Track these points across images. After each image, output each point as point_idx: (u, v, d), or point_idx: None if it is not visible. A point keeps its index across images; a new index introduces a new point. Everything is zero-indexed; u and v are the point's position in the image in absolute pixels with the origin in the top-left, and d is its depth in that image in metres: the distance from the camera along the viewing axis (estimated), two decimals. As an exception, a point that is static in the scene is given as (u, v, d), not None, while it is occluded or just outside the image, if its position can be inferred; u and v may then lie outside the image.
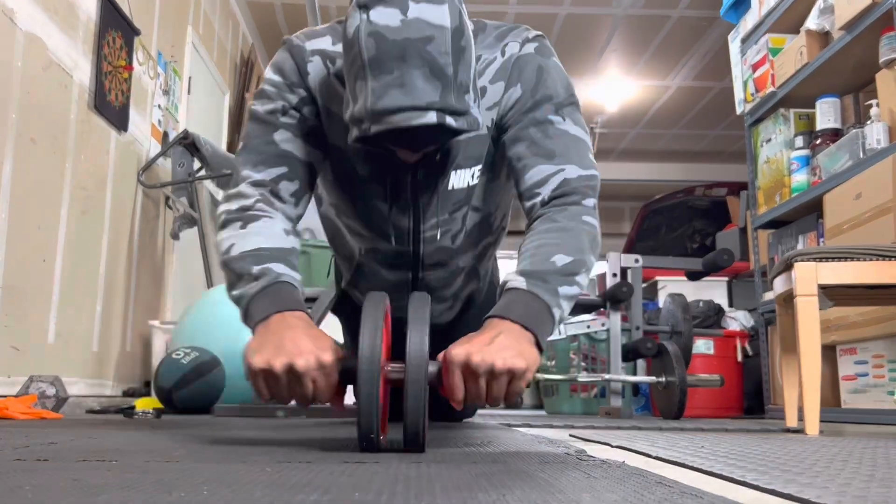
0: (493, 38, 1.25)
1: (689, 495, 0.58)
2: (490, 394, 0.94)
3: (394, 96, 1.00)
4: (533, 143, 1.19)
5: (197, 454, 0.88)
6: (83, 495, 0.54)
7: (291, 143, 1.20)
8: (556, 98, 1.22)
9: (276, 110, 1.20)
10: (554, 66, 1.25)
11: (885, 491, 0.63)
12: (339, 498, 0.55)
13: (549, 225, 1.14)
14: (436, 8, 1.01)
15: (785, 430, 1.82)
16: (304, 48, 1.22)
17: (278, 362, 0.94)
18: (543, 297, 1.03)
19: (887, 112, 2.47)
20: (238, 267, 1.09)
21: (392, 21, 1.00)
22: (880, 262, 1.70)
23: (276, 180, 1.19)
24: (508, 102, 1.22)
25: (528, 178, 1.19)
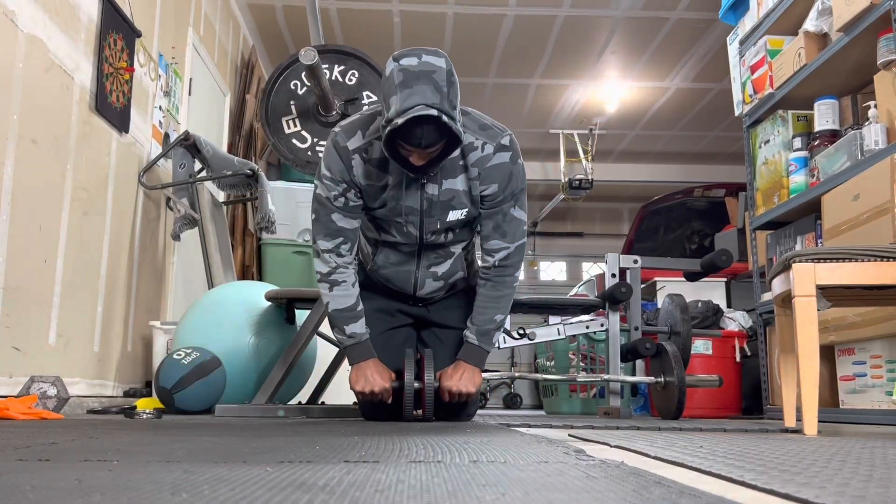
0: (478, 126, 1.93)
1: (687, 495, 0.59)
2: (460, 399, 2.03)
3: (413, 98, 1.69)
4: (496, 226, 2.00)
5: (197, 454, 0.88)
6: (84, 495, 0.54)
7: (343, 220, 1.97)
8: (515, 192, 1.97)
9: (331, 197, 1.94)
10: (518, 170, 1.95)
11: (882, 491, 0.64)
12: (339, 498, 0.55)
13: (494, 292, 2.04)
14: (438, 59, 1.75)
15: (783, 430, 1.82)
16: (347, 149, 1.89)
17: (367, 389, 2.00)
18: (486, 347, 2.06)
19: (885, 113, 2.48)
20: (335, 321, 2.03)
21: (412, 63, 1.73)
22: (878, 262, 1.71)
23: (337, 246, 1.99)
24: (487, 191, 1.95)
25: (488, 245, 2.02)
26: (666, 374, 2.86)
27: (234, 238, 4.39)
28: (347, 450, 0.97)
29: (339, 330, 2.01)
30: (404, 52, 1.75)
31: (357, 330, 2.01)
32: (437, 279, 2.12)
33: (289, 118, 3.33)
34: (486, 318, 2.02)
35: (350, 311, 1.99)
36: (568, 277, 9.44)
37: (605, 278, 3.11)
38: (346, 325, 1.99)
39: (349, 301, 2.00)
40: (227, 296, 2.74)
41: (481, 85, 6.05)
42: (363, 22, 5.06)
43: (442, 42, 5.30)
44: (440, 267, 2.10)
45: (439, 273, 2.11)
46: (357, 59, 3.33)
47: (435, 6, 4.84)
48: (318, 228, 1.98)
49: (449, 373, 2.00)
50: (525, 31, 5.18)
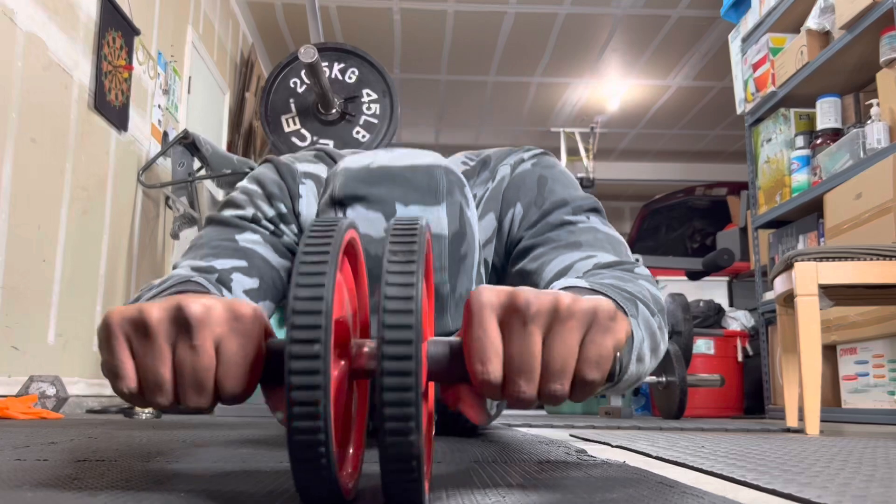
0: (489, 171, 1.07)
1: (689, 495, 0.58)
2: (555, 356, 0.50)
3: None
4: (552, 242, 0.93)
5: (197, 454, 0.88)
6: (83, 495, 0.54)
7: (260, 245, 0.95)
8: (571, 203, 0.97)
9: (245, 217, 0.97)
10: (560, 174, 1.03)
11: (885, 491, 0.63)
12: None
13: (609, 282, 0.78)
14: (429, 211, 0.83)
15: (785, 430, 1.82)
16: (294, 167, 1.03)
17: (157, 308, 0.53)
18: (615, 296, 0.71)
19: (888, 111, 2.47)
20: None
21: (374, 230, 0.83)
22: (880, 261, 1.70)
23: (228, 271, 0.90)
24: (505, 230, 1.00)
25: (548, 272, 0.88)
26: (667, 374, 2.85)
27: (235, 237, 4.38)
28: (347, 450, 0.96)
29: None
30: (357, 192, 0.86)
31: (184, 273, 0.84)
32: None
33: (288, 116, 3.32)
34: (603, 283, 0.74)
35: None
36: (569, 276, 9.42)
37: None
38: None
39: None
40: (228, 295, 2.74)
41: (482, 83, 6.04)
42: (363, 20, 5.05)
43: (442, 40, 5.30)
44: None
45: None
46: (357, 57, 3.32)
47: (435, 4, 4.83)
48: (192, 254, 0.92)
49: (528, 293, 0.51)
50: (526, 29, 5.17)
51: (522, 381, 0.50)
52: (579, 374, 0.51)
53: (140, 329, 0.52)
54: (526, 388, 0.50)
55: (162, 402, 0.52)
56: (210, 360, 0.51)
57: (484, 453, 0.96)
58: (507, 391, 0.50)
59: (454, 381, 0.52)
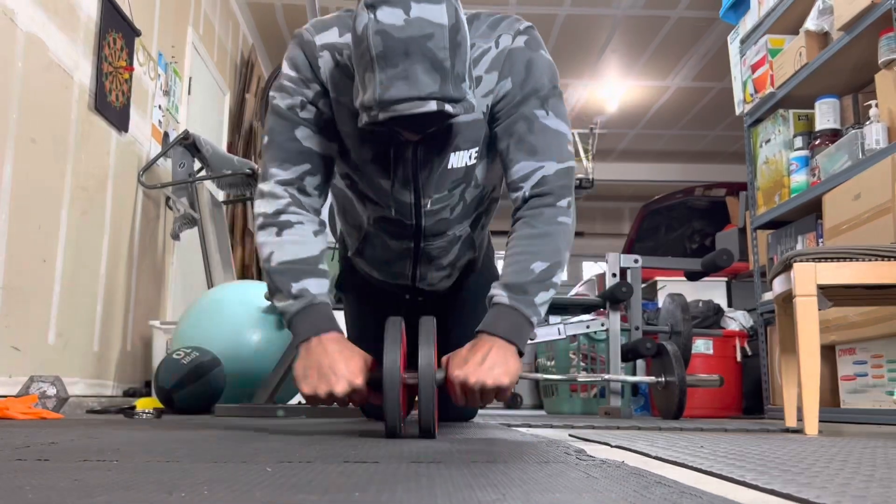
0: (487, 27, 1.36)
1: (688, 495, 0.58)
2: (483, 401, 1.22)
3: (399, 88, 1.13)
4: (519, 140, 1.34)
5: (197, 454, 0.88)
6: (84, 495, 0.54)
7: (311, 139, 1.33)
8: (541, 91, 1.34)
9: (295, 105, 1.33)
10: (541, 59, 1.36)
11: (884, 491, 0.63)
12: (339, 498, 0.55)
13: (528, 230, 1.31)
14: (435, 7, 1.13)
15: (784, 430, 1.82)
16: (314, 43, 1.32)
17: (322, 391, 1.21)
18: (524, 310, 1.24)
19: (886, 112, 2.47)
20: (278, 281, 1.27)
21: (396, 20, 1.12)
22: (879, 262, 1.70)
23: (301, 177, 1.33)
24: (500, 93, 1.35)
25: (514, 171, 1.34)
26: (667, 374, 2.86)
27: (234, 238, 4.38)
28: (347, 450, 0.97)
29: (281, 293, 1.27)
30: None
31: (311, 288, 1.25)
32: (442, 269, 1.61)
33: (289, 117, 3.32)
34: (518, 269, 1.26)
35: (304, 265, 1.28)
36: (568, 277, 9.44)
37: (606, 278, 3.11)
38: (294, 281, 1.26)
39: (306, 252, 1.29)
40: (227, 296, 2.74)
41: (481, 84, 6.04)
42: (363, 21, 5.05)
43: (442, 41, 5.29)
44: (445, 258, 1.58)
45: (444, 263, 1.59)
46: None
47: (435, 5, 4.83)
48: (272, 153, 1.33)
49: (463, 355, 1.20)
50: (525, 31, 5.17)
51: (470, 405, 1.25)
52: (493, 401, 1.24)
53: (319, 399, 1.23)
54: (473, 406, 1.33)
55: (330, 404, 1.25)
56: (346, 404, 1.27)
57: (483, 453, 0.96)
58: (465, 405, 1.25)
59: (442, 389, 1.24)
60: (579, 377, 3.23)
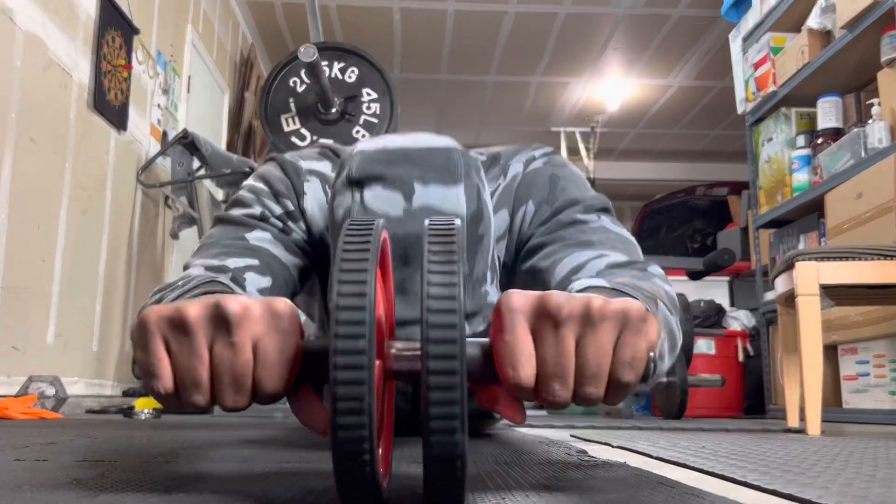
0: (500, 167, 1.06)
1: (690, 495, 0.58)
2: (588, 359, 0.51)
3: (397, 309, 0.78)
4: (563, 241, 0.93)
5: (197, 454, 0.88)
6: (83, 495, 0.54)
7: (270, 244, 0.94)
8: (583, 202, 0.97)
9: (253, 215, 0.97)
10: (571, 175, 1.03)
11: (886, 491, 0.63)
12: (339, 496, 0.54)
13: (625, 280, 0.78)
14: (448, 191, 0.80)
15: (786, 430, 1.82)
16: (298, 165, 1.03)
17: (195, 307, 0.52)
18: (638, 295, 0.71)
19: (889, 111, 2.47)
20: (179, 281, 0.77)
21: (393, 209, 0.80)
22: (882, 261, 1.70)
23: (241, 270, 0.88)
24: (516, 228, 1.00)
25: (560, 269, 0.88)
26: (668, 374, 2.85)
27: (235, 237, 4.38)
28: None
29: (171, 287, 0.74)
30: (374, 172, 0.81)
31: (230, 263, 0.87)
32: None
33: (288, 116, 3.32)
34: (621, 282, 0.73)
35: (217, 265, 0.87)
36: (569, 276, 9.43)
37: (607, 277, 3.10)
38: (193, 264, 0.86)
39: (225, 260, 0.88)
40: (228, 294, 2.73)
41: (482, 83, 6.04)
42: (363, 19, 5.05)
43: (442, 40, 5.29)
44: None
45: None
46: (357, 57, 3.32)
47: (435, 3, 4.83)
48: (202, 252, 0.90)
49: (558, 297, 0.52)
50: (526, 29, 5.17)
51: (556, 384, 0.50)
52: (614, 376, 0.51)
53: (178, 328, 0.51)
54: (560, 391, 0.50)
55: (199, 401, 0.51)
56: (249, 358, 0.51)
57: (484, 454, 0.95)
58: (541, 395, 0.50)
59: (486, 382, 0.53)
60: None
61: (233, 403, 0.51)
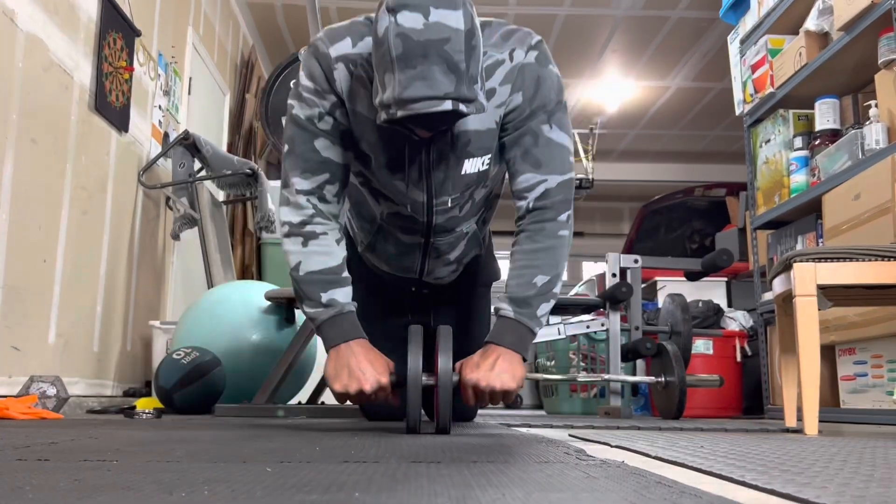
0: (499, 36, 1.43)
1: (688, 495, 0.58)
2: (491, 402, 1.41)
3: (417, 87, 1.21)
4: (525, 152, 1.45)
5: (197, 454, 0.88)
6: (84, 495, 0.54)
7: (329, 150, 1.42)
8: (548, 106, 1.44)
9: (313, 116, 1.41)
10: (549, 74, 1.45)
11: (883, 491, 0.63)
12: (339, 497, 0.55)
13: (531, 245, 1.46)
14: (452, 13, 1.22)
15: (784, 430, 1.82)
16: (329, 55, 1.39)
17: (353, 388, 1.38)
18: (527, 322, 1.42)
19: (886, 112, 2.47)
20: (307, 290, 1.42)
21: (416, 24, 1.21)
22: (879, 262, 1.70)
23: (321, 186, 1.44)
24: (511, 105, 1.44)
25: (519, 182, 1.46)
26: (667, 374, 2.86)
27: (234, 238, 4.38)
28: (347, 450, 0.97)
29: (311, 301, 1.42)
30: (405, 2, 1.22)
31: (339, 297, 1.41)
32: (449, 264, 1.72)
33: (289, 117, 3.32)
34: (522, 282, 1.42)
35: (331, 275, 1.42)
36: (568, 277, 9.43)
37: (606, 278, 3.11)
38: (323, 291, 1.41)
39: (331, 261, 1.43)
40: (227, 296, 2.74)
41: (481, 84, 6.04)
42: (363, 21, 5.06)
43: (442, 41, 5.29)
44: (452, 253, 1.69)
45: (451, 258, 1.71)
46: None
47: (435, 5, 4.83)
48: (293, 162, 1.43)
49: (475, 361, 1.38)
50: (525, 31, 5.17)
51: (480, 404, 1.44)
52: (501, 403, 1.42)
53: (349, 396, 1.41)
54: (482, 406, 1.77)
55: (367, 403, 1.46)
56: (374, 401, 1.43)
57: (483, 453, 0.96)
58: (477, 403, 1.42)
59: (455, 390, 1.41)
60: (579, 377, 3.23)
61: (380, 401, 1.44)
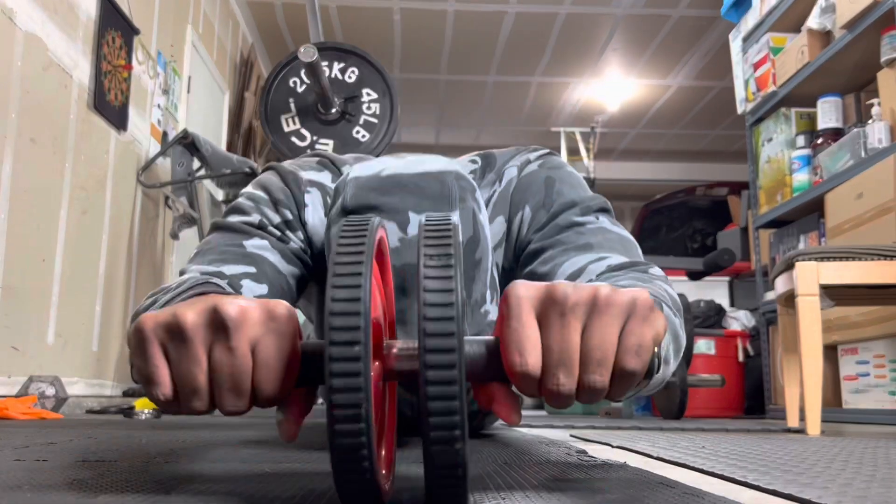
0: (495, 172, 1.04)
1: (690, 496, 0.58)
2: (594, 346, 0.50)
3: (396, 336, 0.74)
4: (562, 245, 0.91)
5: (197, 454, 0.88)
6: (83, 495, 0.54)
7: (267, 251, 0.92)
8: (580, 203, 0.95)
9: (251, 223, 0.95)
10: (567, 175, 1.01)
11: (885, 491, 0.63)
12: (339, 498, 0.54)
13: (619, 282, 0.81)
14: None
15: (786, 431, 1.82)
16: (298, 176, 1.00)
17: (192, 311, 0.51)
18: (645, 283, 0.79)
19: (888, 111, 2.47)
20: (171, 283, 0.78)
21: (388, 240, 0.73)
22: (882, 261, 1.70)
23: (238, 277, 0.87)
24: (514, 234, 0.99)
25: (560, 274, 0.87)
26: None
27: (235, 237, 4.38)
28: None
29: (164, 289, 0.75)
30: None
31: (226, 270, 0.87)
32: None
33: (288, 116, 3.32)
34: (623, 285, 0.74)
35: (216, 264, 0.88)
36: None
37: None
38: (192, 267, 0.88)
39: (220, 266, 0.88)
40: (228, 295, 2.73)
41: (482, 83, 6.04)
42: (363, 19, 5.05)
43: (442, 40, 5.29)
44: None
45: None
46: (357, 57, 3.32)
47: (435, 3, 4.83)
48: (199, 259, 0.90)
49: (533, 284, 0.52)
50: (526, 29, 5.17)
51: (562, 373, 0.49)
52: (619, 365, 0.50)
53: (175, 334, 0.50)
54: (565, 380, 0.49)
55: (198, 406, 0.51)
56: (247, 362, 0.50)
57: (484, 454, 0.95)
58: (546, 384, 0.49)
59: (489, 380, 0.51)
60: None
61: (233, 408, 0.51)
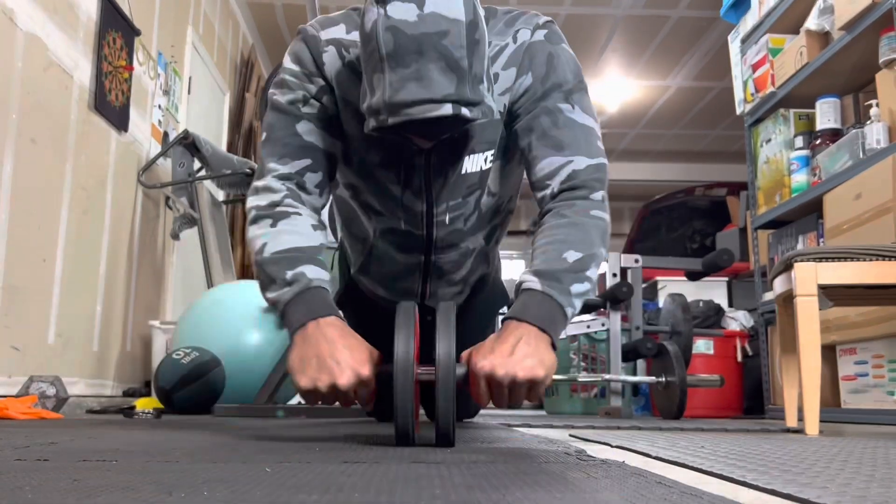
0: (504, 23, 1.27)
1: (688, 495, 0.58)
2: (512, 398, 1.03)
3: (411, 89, 1.03)
4: (543, 134, 1.22)
5: (197, 454, 0.88)
6: (83, 496, 0.54)
7: (314, 134, 1.23)
8: (565, 85, 1.25)
9: (297, 100, 1.23)
10: (563, 52, 1.27)
11: (884, 491, 0.63)
12: (339, 498, 0.55)
13: (558, 220, 1.17)
14: (450, 2, 1.04)
15: (785, 430, 1.82)
16: (318, 38, 1.23)
17: (323, 384, 1.04)
18: (557, 297, 1.08)
19: (887, 112, 2.47)
20: (272, 271, 1.13)
21: (409, 16, 1.02)
22: (880, 262, 1.70)
23: (301, 172, 1.23)
24: (519, 90, 1.25)
25: (539, 169, 1.22)
26: (667, 374, 2.86)
27: (234, 237, 4.38)
28: (347, 450, 0.96)
29: (273, 284, 1.13)
30: None
31: (307, 272, 1.12)
32: (454, 284, 1.50)
33: (289, 117, 3.32)
34: (549, 258, 1.11)
35: (301, 253, 1.15)
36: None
37: (607, 278, 3.11)
38: (289, 268, 1.12)
39: (303, 241, 1.16)
40: (227, 296, 2.74)
41: (482, 84, 6.04)
42: (363, 21, 5.05)
43: (442, 41, 5.29)
44: (457, 273, 1.46)
45: (456, 278, 1.48)
46: (357, 58, 3.33)
47: (435, 5, 4.83)
48: (270, 148, 1.23)
49: (488, 346, 1.03)
50: (526, 30, 5.17)
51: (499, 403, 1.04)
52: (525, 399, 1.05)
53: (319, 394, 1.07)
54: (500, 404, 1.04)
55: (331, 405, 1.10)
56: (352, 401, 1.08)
57: (484, 453, 0.96)
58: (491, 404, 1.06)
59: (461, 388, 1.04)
60: (580, 377, 3.23)
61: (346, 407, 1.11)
